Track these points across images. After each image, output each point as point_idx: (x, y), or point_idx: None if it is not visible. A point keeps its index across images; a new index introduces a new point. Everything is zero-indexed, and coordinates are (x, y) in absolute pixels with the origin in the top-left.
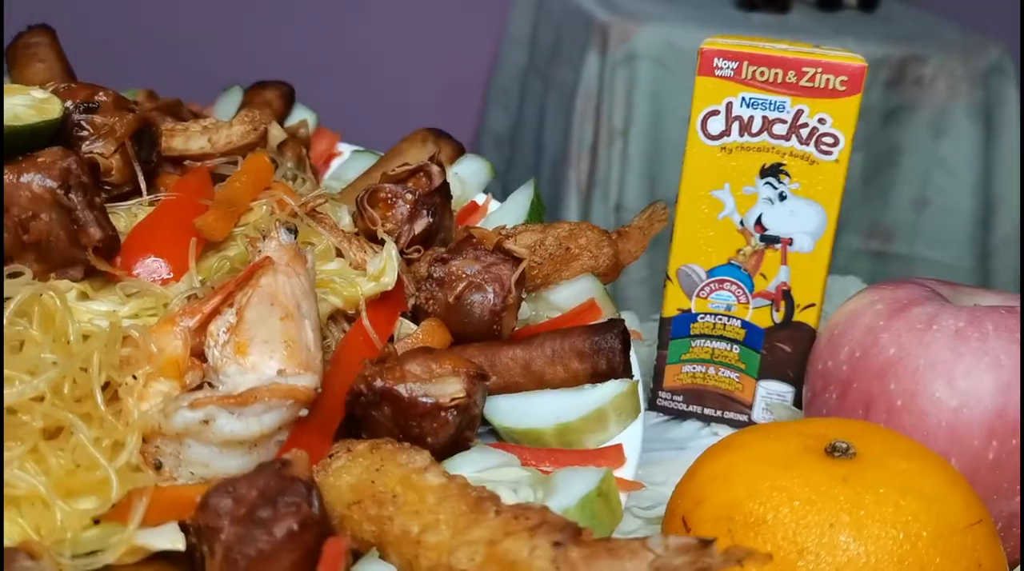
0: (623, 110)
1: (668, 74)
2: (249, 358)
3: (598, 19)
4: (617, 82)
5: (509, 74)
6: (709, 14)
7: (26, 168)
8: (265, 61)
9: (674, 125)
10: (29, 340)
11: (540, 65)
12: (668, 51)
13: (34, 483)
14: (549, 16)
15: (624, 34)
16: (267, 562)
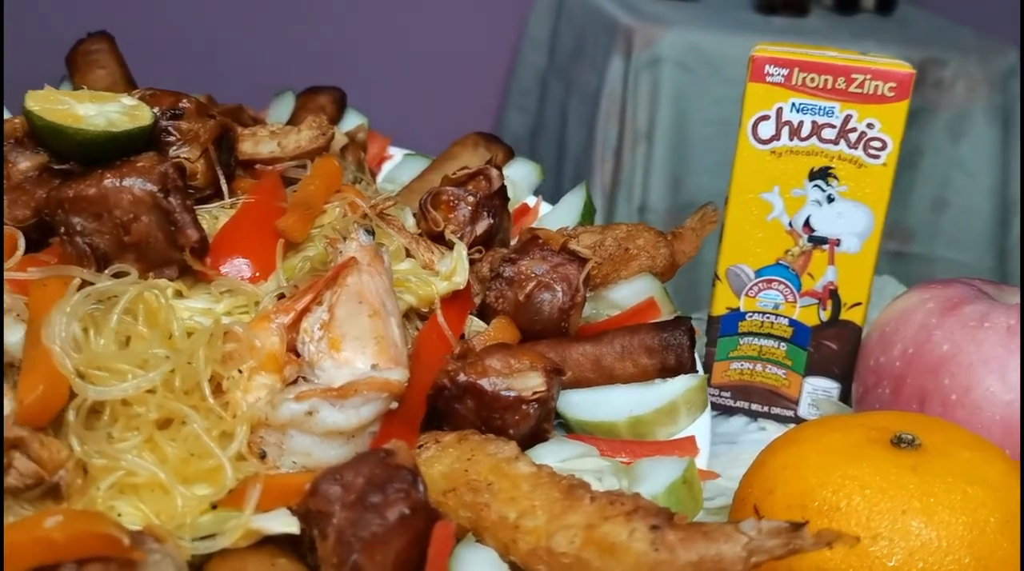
0: (647, 113)
1: (692, 77)
2: (343, 353)
3: (622, 23)
4: (641, 85)
5: (528, 75)
6: (730, 18)
7: (127, 172)
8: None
9: (698, 127)
10: (136, 336)
11: (561, 67)
12: (692, 55)
13: (155, 471)
14: (570, 19)
15: (649, 38)
16: (380, 545)
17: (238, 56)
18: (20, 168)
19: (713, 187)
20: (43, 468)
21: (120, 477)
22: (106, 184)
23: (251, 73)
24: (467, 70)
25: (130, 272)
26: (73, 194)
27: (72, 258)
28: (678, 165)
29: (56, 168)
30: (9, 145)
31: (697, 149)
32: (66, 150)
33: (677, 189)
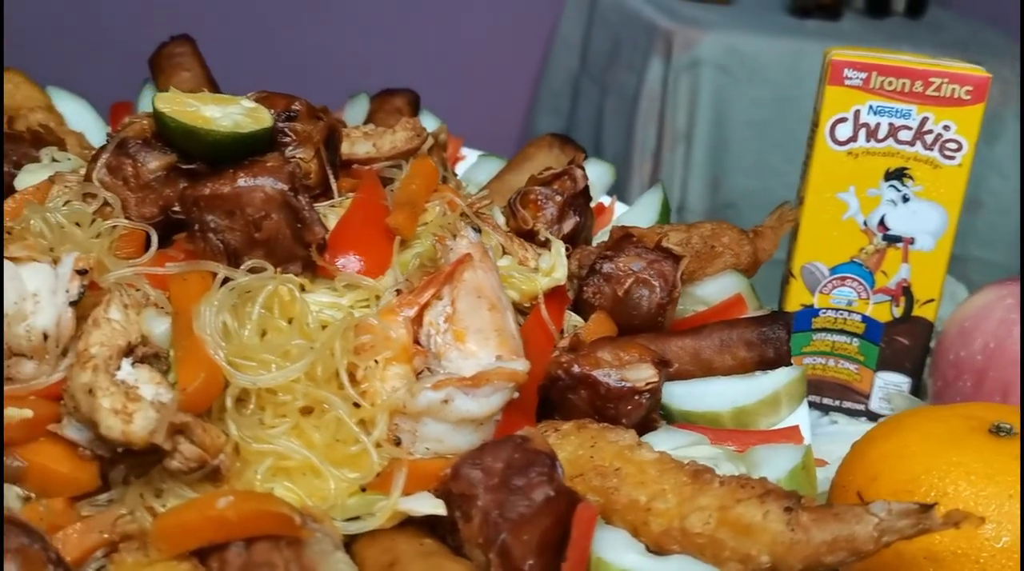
0: (686, 114)
1: (730, 80)
2: (468, 345)
3: (662, 26)
4: (680, 87)
5: (559, 78)
6: (765, 21)
7: (258, 172)
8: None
9: (736, 129)
10: (273, 328)
11: (595, 69)
12: (731, 57)
13: (307, 454)
14: (604, 22)
15: (688, 41)
16: (527, 525)
17: (263, 59)
18: (149, 167)
19: (751, 187)
20: (206, 452)
21: (274, 461)
22: (239, 183)
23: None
24: (495, 73)
25: (266, 267)
26: (208, 192)
27: (207, 254)
28: (716, 166)
29: (183, 168)
30: (137, 145)
31: (735, 150)
32: (195, 150)
33: (715, 189)
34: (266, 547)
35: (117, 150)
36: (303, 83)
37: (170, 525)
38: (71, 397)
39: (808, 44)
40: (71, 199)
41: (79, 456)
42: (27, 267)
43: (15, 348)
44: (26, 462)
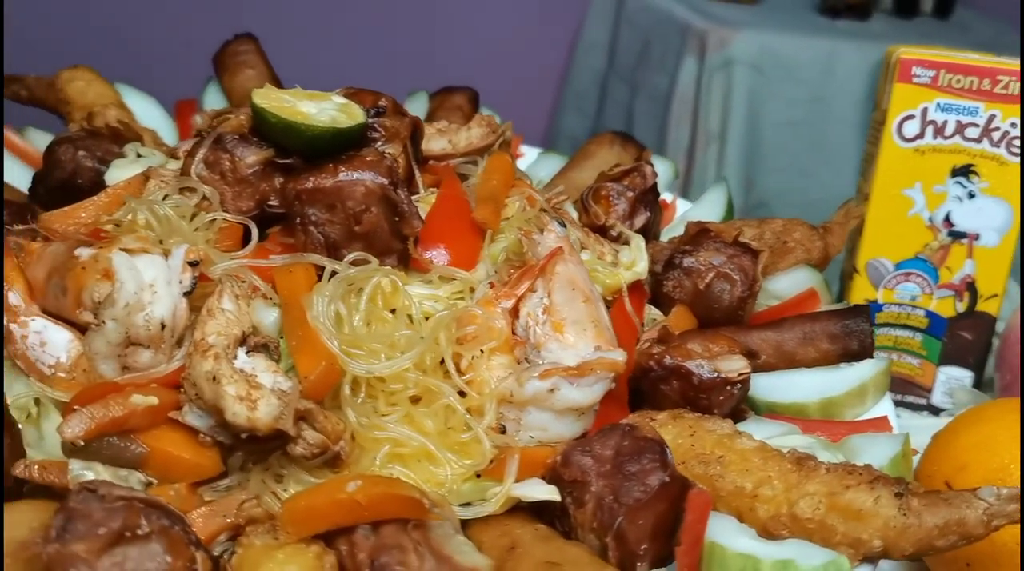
0: (719, 114)
1: (764, 79)
2: (567, 336)
3: (695, 26)
4: (714, 87)
5: (585, 78)
6: (797, 20)
7: (358, 166)
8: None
9: (769, 128)
10: (378, 319)
11: (624, 69)
12: (765, 57)
13: (424, 441)
14: (632, 22)
15: (722, 41)
16: (643, 510)
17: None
18: (247, 162)
19: (785, 186)
20: (327, 438)
21: (390, 447)
22: (341, 177)
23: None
24: (518, 74)
25: (369, 260)
26: (311, 186)
27: (307, 246)
28: (750, 165)
29: (279, 162)
30: (234, 140)
31: (768, 149)
32: (293, 145)
33: (749, 189)
34: (393, 530)
35: (214, 145)
36: (331, 82)
37: (299, 508)
38: (192, 385)
39: (840, 44)
40: (168, 193)
41: (199, 443)
42: (141, 258)
43: (133, 337)
44: (148, 448)
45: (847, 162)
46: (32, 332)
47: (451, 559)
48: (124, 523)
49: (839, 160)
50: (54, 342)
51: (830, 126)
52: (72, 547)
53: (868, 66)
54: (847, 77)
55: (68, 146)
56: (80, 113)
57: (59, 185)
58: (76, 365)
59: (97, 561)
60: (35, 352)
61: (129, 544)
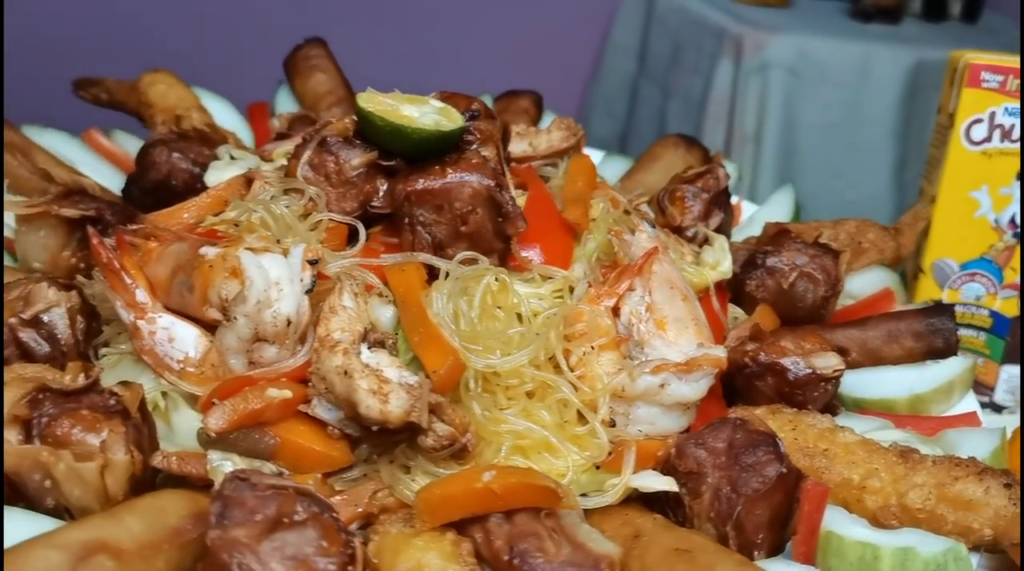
0: (755, 116)
1: (799, 82)
2: (669, 333)
3: (731, 30)
4: (750, 90)
5: (614, 81)
6: (830, 24)
7: (465, 168)
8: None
9: (805, 131)
10: (489, 316)
11: (656, 72)
12: (800, 60)
13: (546, 434)
14: (663, 25)
15: (758, 44)
16: (761, 500)
17: None
18: (352, 164)
19: (819, 188)
20: (456, 431)
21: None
22: (449, 179)
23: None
24: (544, 77)
25: (479, 259)
26: (420, 188)
27: (417, 246)
28: (786, 167)
29: (383, 165)
30: (339, 143)
31: (804, 152)
32: (399, 148)
33: None
34: (527, 518)
35: (319, 148)
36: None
37: (435, 497)
38: (321, 379)
39: (874, 48)
40: (275, 195)
41: (328, 435)
42: (265, 257)
43: (260, 333)
44: (279, 439)
45: (881, 164)
46: (160, 328)
47: (584, 546)
48: (279, 510)
49: (873, 162)
50: (182, 338)
51: (864, 129)
52: (233, 533)
53: (902, 69)
54: (881, 80)
55: (162, 149)
56: (162, 116)
57: (154, 186)
58: (205, 360)
59: (258, 546)
60: (163, 347)
61: (287, 530)
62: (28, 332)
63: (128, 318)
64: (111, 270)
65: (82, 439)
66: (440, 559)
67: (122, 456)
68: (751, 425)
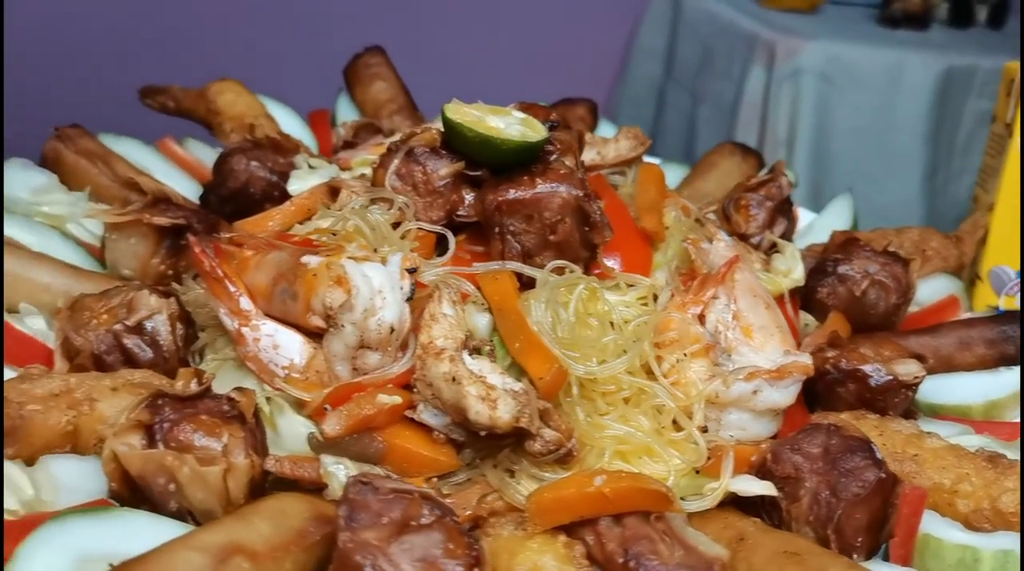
0: (787, 122)
1: (832, 88)
2: (755, 340)
3: (763, 36)
4: (782, 95)
5: (640, 85)
6: (859, 30)
7: (554, 178)
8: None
9: (837, 136)
10: (583, 324)
11: (684, 77)
12: (832, 66)
13: (648, 440)
14: (692, 31)
15: (791, 50)
16: (860, 504)
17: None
18: (440, 174)
19: (854, 193)
20: (562, 436)
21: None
22: (539, 189)
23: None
24: (569, 81)
25: (571, 268)
26: (511, 198)
27: (507, 255)
28: (818, 172)
29: (469, 174)
30: (426, 153)
31: (835, 157)
32: (487, 158)
33: (816, 196)
34: (637, 521)
35: (406, 158)
36: None
37: (547, 501)
38: (427, 386)
39: (904, 54)
40: (364, 204)
41: (433, 440)
42: (367, 266)
43: (365, 341)
44: (387, 444)
45: (911, 169)
46: (264, 335)
47: (695, 549)
48: (405, 513)
49: (903, 167)
50: (286, 345)
51: (895, 134)
52: (363, 535)
53: (932, 75)
54: (911, 86)
55: (240, 157)
56: (230, 124)
57: (232, 194)
58: (309, 366)
59: (388, 548)
60: (267, 354)
61: (414, 533)
62: (132, 338)
63: (232, 325)
64: (214, 278)
65: (204, 444)
66: (555, 561)
67: (243, 460)
68: (845, 431)
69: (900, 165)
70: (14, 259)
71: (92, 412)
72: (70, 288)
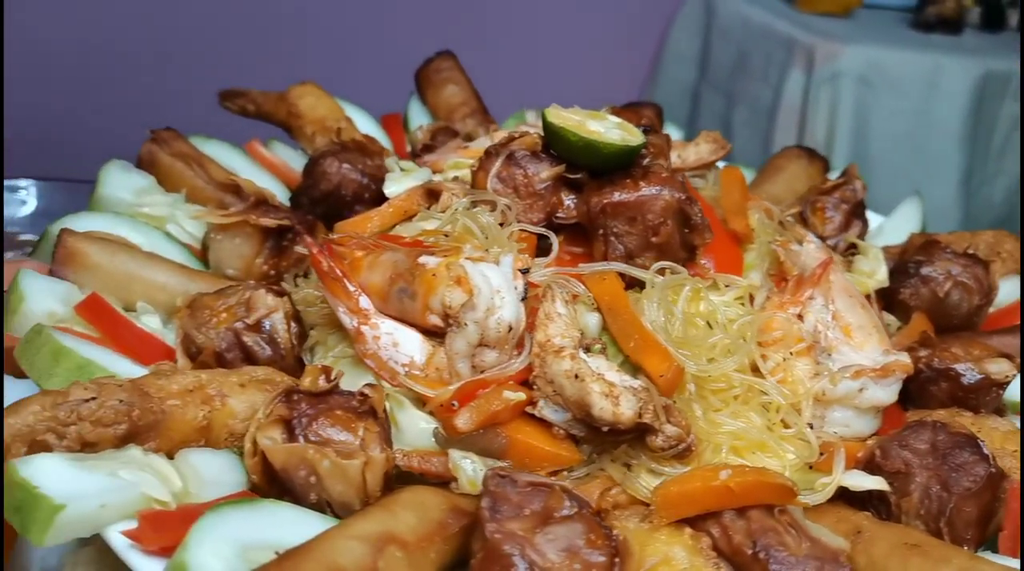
0: (826, 125)
1: (870, 91)
2: (855, 339)
3: (802, 40)
4: (821, 99)
5: (672, 88)
6: (894, 34)
7: (656, 182)
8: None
9: (875, 140)
10: (691, 323)
11: (718, 81)
12: (871, 70)
13: (763, 436)
14: (726, 35)
15: (831, 54)
16: (971, 499)
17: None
18: (541, 177)
19: (891, 196)
20: (682, 431)
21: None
22: (643, 192)
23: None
24: (600, 85)
25: (677, 270)
26: (616, 200)
27: (609, 256)
28: None
29: (569, 177)
30: (526, 156)
31: (873, 160)
32: (590, 162)
33: None
34: (761, 514)
35: (507, 161)
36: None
37: (674, 494)
38: (548, 383)
39: (942, 58)
40: (466, 206)
41: (553, 435)
42: (484, 266)
43: (484, 339)
44: (508, 439)
45: (948, 172)
46: (383, 333)
47: (819, 540)
48: (546, 505)
49: (941, 170)
50: (406, 343)
51: (932, 138)
52: (509, 526)
53: (970, 79)
54: (949, 90)
55: (332, 160)
56: (311, 127)
57: (324, 196)
58: (429, 363)
59: (533, 538)
60: (387, 352)
61: (557, 524)
62: (252, 336)
63: (351, 324)
64: (332, 278)
65: (341, 438)
66: (685, 552)
67: (380, 454)
68: (951, 427)
69: (936, 168)
70: (130, 259)
71: (223, 407)
72: (185, 287)
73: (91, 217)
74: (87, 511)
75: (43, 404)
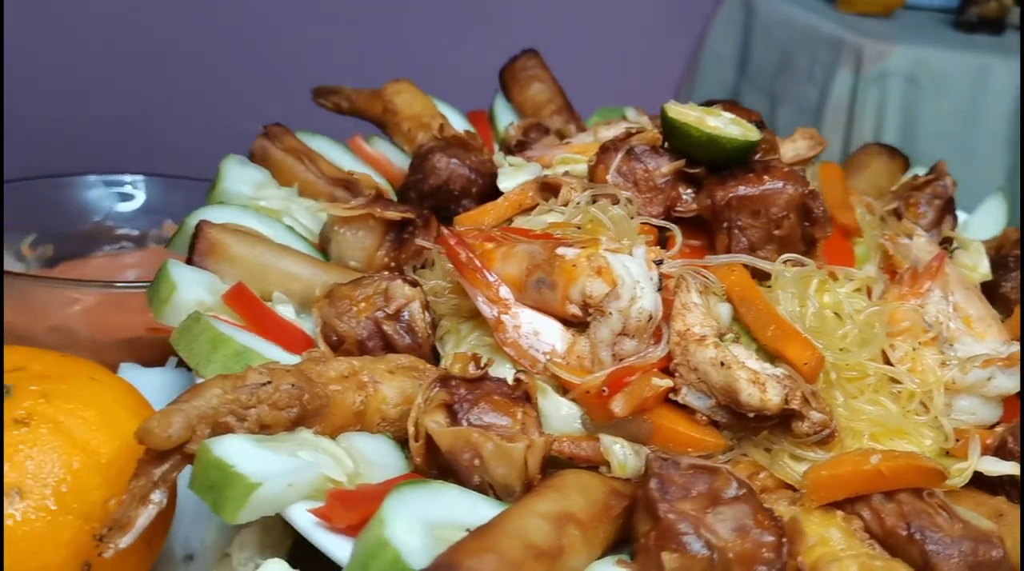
0: (873, 125)
1: (918, 91)
2: (976, 330)
3: (849, 40)
4: (868, 99)
5: (712, 89)
6: (938, 34)
7: (779, 176)
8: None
9: (923, 140)
10: (820, 314)
11: (760, 81)
12: (919, 69)
13: (904, 423)
14: (767, 35)
15: (879, 54)
16: None
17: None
18: (662, 171)
19: None
20: (827, 417)
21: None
22: (767, 186)
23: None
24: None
25: (806, 263)
26: (742, 194)
27: (733, 248)
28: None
29: (688, 172)
30: (646, 151)
31: (921, 160)
32: (711, 157)
33: None
34: (911, 497)
35: (627, 156)
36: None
37: (824, 478)
38: (692, 370)
39: (989, 58)
40: (587, 200)
41: (696, 421)
42: (622, 258)
43: (625, 328)
44: (653, 424)
45: (995, 173)
46: (524, 322)
47: (970, 523)
48: (713, 486)
49: (987, 171)
50: (546, 332)
51: (979, 138)
52: (680, 506)
53: (1016, 80)
54: (996, 90)
55: (441, 155)
56: (407, 123)
57: (432, 191)
58: (571, 352)
59: (704, 517)
60: (528, 340)
61: (726, 505)
62: (391, 325)
63: (491, 313)
64: (472, 268)
65: (501, 422)
66: (840, 534)
67: (540, 437)
68: None
69: (984, 169)
70: (267, 250)
71: (376, 393)
72: (318, 278)
73: (222, 209)
74: (277, 490)
75: (223, 387)
